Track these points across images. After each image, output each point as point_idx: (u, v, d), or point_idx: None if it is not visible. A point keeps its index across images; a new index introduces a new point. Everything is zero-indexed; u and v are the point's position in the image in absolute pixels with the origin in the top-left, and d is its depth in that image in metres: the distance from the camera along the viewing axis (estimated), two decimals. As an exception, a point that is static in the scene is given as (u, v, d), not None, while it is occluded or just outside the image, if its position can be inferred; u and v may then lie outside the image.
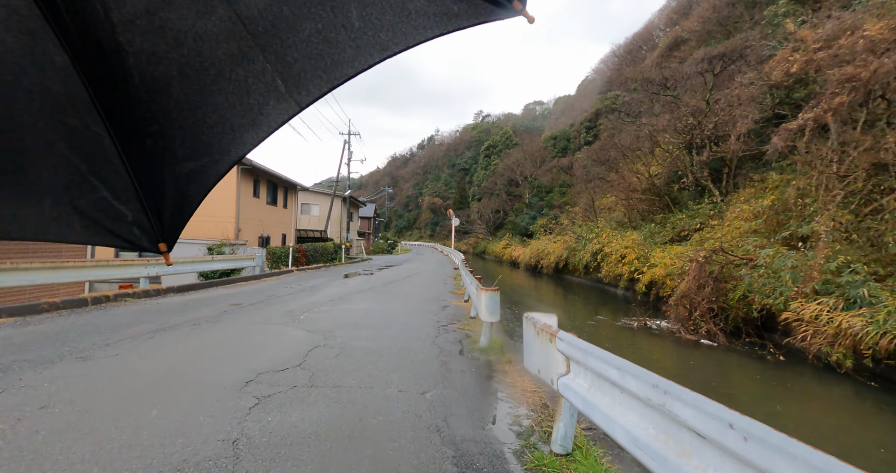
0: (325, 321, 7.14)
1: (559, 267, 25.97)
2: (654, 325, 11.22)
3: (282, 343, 5.61)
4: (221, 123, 1.02)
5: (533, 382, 4.37)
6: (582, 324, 11.89)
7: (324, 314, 7.85)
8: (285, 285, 12.01)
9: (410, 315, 7.91)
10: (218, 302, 8.74)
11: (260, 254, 13.16)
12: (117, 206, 1.12)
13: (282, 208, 21.82)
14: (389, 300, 9.83)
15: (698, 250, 11.36)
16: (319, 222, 33.08)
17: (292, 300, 9.33)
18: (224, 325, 6.65)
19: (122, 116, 0.99)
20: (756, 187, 15.57)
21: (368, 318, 7.53)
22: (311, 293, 10.53)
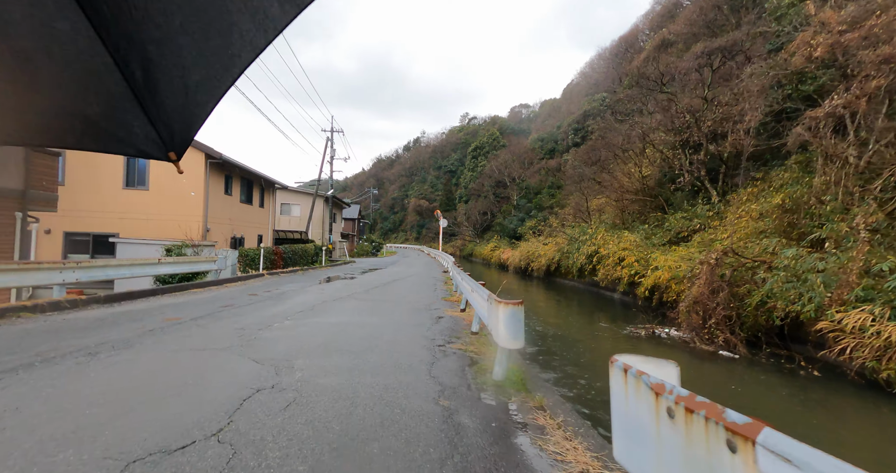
0: (284, 344, 5.42)
1: (551, 270, 25.11)
2: (664, 333, 10.30)
3: (207, 385, 3.79)
4: (228, 29, 0.96)
5: (593, 455, 2.84)
6: (587, 333, 10.91)
7: (285, 331, 6.18)
8: (251, 291, 10.54)
9: (397, 331, 6.48)
10: (151, 317, 6.94)
11: (226, 256, 11.78)
12: (123, 116, 1.12)
13: (258, 208, 20.36)
14: (372, 310, 8.38)
15: (709, 251, 10.51)
16: (300, 223, 31.57)
17: (251, 312, 7.65)
18: (135, 353, 4.73)
19: (116, 21, 0.93)
20: (758, 186, 14.94)
21: (343, 337, 5.96)
22: (277, 302, 8.98)
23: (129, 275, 7.94)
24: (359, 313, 7.99)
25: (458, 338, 6.21)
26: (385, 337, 6.03)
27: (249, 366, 4.46)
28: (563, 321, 13.07)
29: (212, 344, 5.33)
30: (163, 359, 4.60)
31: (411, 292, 11.23)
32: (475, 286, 6.42)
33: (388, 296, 10.30)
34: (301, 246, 20.95)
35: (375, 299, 9.83)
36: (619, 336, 10.36)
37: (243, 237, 18.51)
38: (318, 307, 8.45)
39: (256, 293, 10.16)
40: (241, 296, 9.68)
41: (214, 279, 10.87)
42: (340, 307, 8.66)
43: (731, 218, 14.52)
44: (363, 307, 8.80)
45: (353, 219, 50.45)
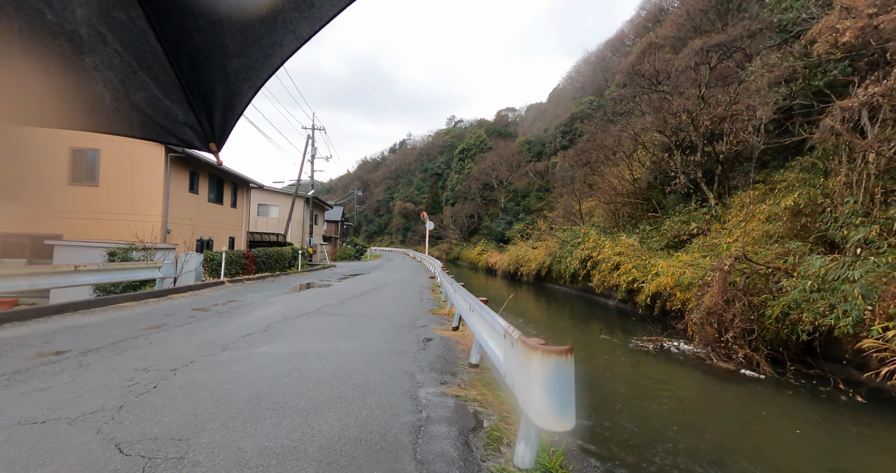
0: (192, 401, 3.58)
1: (541, 275, 24.19)
2: (674, 347, 9.35)
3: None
4: (272, 16, 0.96)
5: None
6: (589, 346, 9.88)
7: (210, 372, 4.36)
8: (199, 304, 8.77)
9: (371, 366, 4.82)
10: (23, 348, 5.04)
11: (185, 260, 10.39)
12: (168, 104, 1.14)
13: (229, 208, 18.87)
14: (343, 330, 6.78)
15: (720, 257, 9.63)
16: (279, 226, 30.00)
17: (177, 339, 5.74)
18: None
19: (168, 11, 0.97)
20: (760, 187, 14.25)
21: (292, 380, 4.21)
22: (224, 321, 7.13)
23: (26, 287, 6.43)
24: (325, 335, 6.40)
25: (454, 374, 4.72)
26: (353, 378, 4.37)
27: (100, 461, 2.58)
28: (558, 331, 12.05)
29: (69, 407, 3.35)
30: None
31: (394, 304, 9.87)
32: (477, 306, 4.87)
33: (366, 309, 8.80)
34: (277, 249, 19.51)
35: (350, 313, 8.27)
36: (624, 351, 9.36)
37: (211, 240, 17.01)
38: (275, 328, 6.78)
39: (205, 308, 8.40)
40: (181, 312, 7.84)
41: (160, 289, 9.32)
42: (304, 326, 7.05)
43: (733, 221, 13.76)
44: (333, 325, 7.19)
45: (335, 221, 48.86)
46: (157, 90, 1.10)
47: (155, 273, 9.16)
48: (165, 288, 9.55)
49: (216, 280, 12.08)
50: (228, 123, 1.20)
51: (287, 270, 19.48)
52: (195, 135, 1.20)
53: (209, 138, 1.22)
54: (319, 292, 11.55)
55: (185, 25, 0.97)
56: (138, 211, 12.77)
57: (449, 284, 8.75)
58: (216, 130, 1.21)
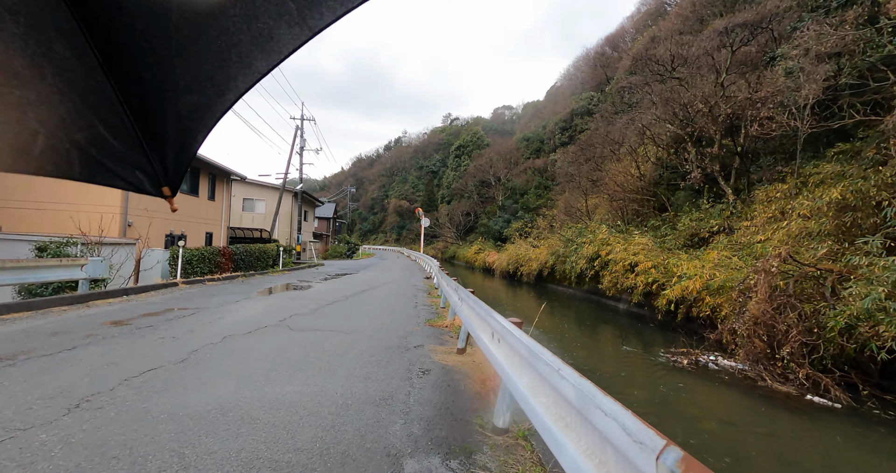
0: None
1: (543, 275, 22.82)
2: (712, 362, 7.97)
3: None
4: (227, 51, 0.92)
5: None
6: (613, 360, 8.47)
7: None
8: (121, 315, 6.73)
9: (328, 438, 2.90)
10: None
11: (153, 256, 8.81)
12: (116, 145, 1.08)
13: (206, 201, 17.26)
14: (302, 358, 4.75)
15: (765, 257, 8.26)
16: (265, 221, 28.38)
17: (11, 386, 3.61)
18: None
19: (116, 46, 0.93)
20: (789, 180, 12.93)
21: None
22: (131, 344, 5.07)
23: None
24: (272, 367, 4.35)
25: (469, 455, 2.78)
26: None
27: None
28: (573, 341, 10.64)
29: None
30: None
31: (381, 312, 8.05)
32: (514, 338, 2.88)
33: (345, 320, 6.97)
34: (259, 246, 17.94)
35: (323, 326, 6.41)
36: (654, 366, 7.96)
37: (184, 235, 15.41)
38: (203, 355, 4.67)
39: (126, 320, 6.31)
40: (81, 329, 5.71)
41: (83, 293, 7.37)
42: (249, 350, 5.00)
43: (761, 218, 12.43)
44: (292, 348, 5.14)
45: (327, 218, 47.22)
46: (102, 129, 1.03)
47: (74, 273, 7.40)
48: (98, 291, 7.85)
49: (168, 282, 10.41)
50: (181, 165, 1.14)
51: (269, 269, 17.90)
52: (146, 178, 1.13)
53: (162, 182, 1.14)
54: (293, 297, 9.80)
55: (135, 61, 0.93)
56: (92, 201, 11.17)
57: (453, 290, 6.76)
58: (169, 172, 1.13)
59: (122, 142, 1.05)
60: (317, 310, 7.91)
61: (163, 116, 1.03)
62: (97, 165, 1.09)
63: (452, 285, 7.24)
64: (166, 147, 1.09)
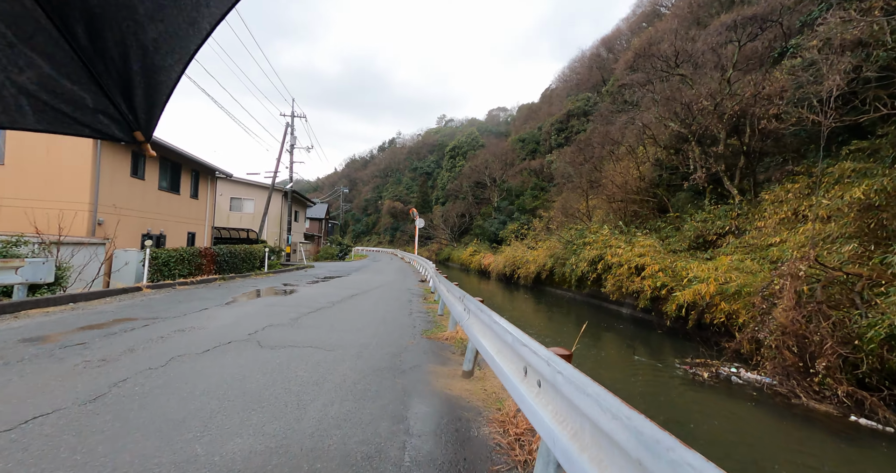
0: None
1: (541, 278, 22.14)
2: (734, 375, 7.29)
3: None
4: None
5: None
6: (626, 372, 7.76)
7: None
8: (55, 328, 5.57)
9: None
10: None
11: (86, 258, 7.92)
12: (69, 86, 0.93)
13: (189, 199, 16.35)
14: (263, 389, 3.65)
15: (791, 260, 7.61)
16: (254, 221, 27.43)
17: None
18: None
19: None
20: (801, 180, 12.37)
21: None
22: (38, 373, 3.80)
23: None
24: (218, 410, 3.18)
25: None
26: None
27: None
28: (578, 349, 9.92)
29: None
30: None
31: (371, 321, 7.03)
32: (564, 379, 1.98)
33: (327, 333, 5.92)
34: (245, 247, 17.05)
35: (299, 342, 5.31)
36: (672, 379, 7.26)
37: (163, 235, 14.49)
38: (125, 390, 3.47)
39: (53, 336, 5.11)
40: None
41: (17, 301, 6.36)
42: (195, 380, 3.79)
43: (773, 219, 11.85)
44: (255, 374, 4.04)
45: (319, 219, 46.26)
46: (49, 68, 0.88)
47: (9, 278, 6.49)
48: (36, 299, 6.82)
49: (131, 286, 9.43)
50: (155, 106, 0.98)
51: (255, 271, 17.00)
52: (113, 123, 0.99)
53: (132, 127, 1.01)
54: (272, 303, 8.75)
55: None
56: (58, 197, 10.26)
57: (458, 299, 5.60)
58: (140, 115, 0.99)
59: (75, 83, 0.90)
60: (297, 320, 6.87)
61: (123, 49, 0.87)
62: (53, 111, 0.95)
63: (456, 292, 6.05)
64: (133, 86, 0.94)
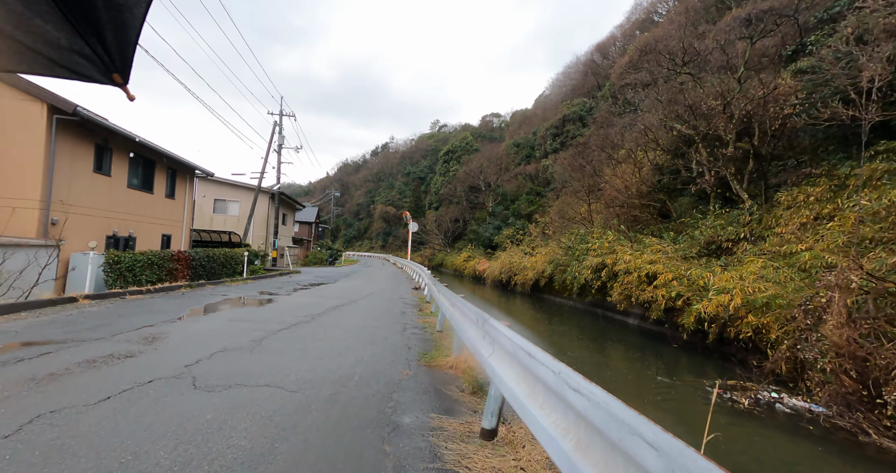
0: None
1: (539, 285, 21.17)
2: (777, 400, 6.31)
3: None
4: None
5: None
6: (649, 396, 6.74)
7: None
8: None
9: None
10: None
11: (23, 262, 6.74)
12: (42, 24, 0.91)
13: (163, 198, 15.13)
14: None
15: (840, 271, 6.69)
16: (239, 224, 26.13)
17: None
18: None
19: None
20: (822, 183, 11.59)
21: None
22: None
23: None
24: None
25: None
26: None
27: None
28: (590, 366, 8.90)
29: None
30: None
31: (356, 343, 5.64)
32: None
33: (295, 362, 4.52)
34: (225, 252, 15.84)
35: (253, 378, 3.90)
36: (705, 405, 6.26)
37: (133, 237, 13.25)
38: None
39: None
40: None
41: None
42: (41, 468, 2.24)
43: (795, 223, 11.02)
44: (153, 453, 2.45)
45: (309, 223, 44.98)
46: (19, 6, 0.86)
47: None
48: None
49: (62, 297, 7.89)
50: (127, 47, 0.97)
51: (234, 277, 15.76)
52: (91, 65, 0.99)
53: (109, 68, 1.00)
54: (237, 317, 7.22)
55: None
56: (2, 193, 9.04)
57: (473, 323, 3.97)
58: (114, 56, 0.98)
59: (48, 22, 0.88)
60: (262, 341, 5.46)
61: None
62: (30, 51, 0.96)
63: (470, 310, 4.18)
64: (101, 26, 0.91)
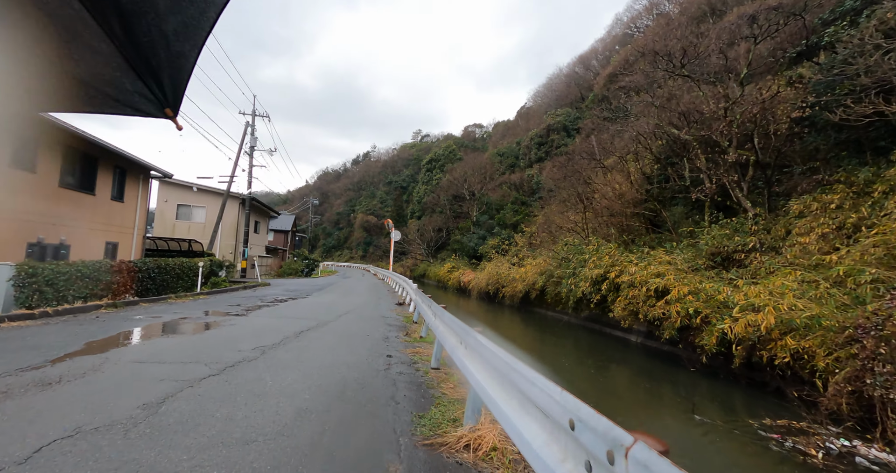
0: None
1: (529, 298, 19.89)
2: (855, 452, 5.07)
3: None
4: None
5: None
6: (689, 439, 5.40)
7: None
8: None
9: None
10: None
11: None
12: (112, 73, 1.09)
13: (110, 201, 13.22)
14: None
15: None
16: (206, 232, 24.02)
17: None
18: None
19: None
20: (840, 190, 10.75)
21: None
22: None
23: None
24: None
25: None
26: None
27: None
28: (605, 397, 7.54)
29: None
30: None
31: (318, 402, 3.86)
32: None
33: (200, 450, 2.79)
34: (182, 262, 13.98)
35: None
36: (765, 456, 4.97)
37: (64, 244, 11.32)
38: None
39: None
40: None
41: None
42: None
43: (816, 233, 10.08)
44: None
45: (285, 231, 42.82)
46: (98, 60, 1.05)
47: None
48: None
49: None
50: (180, 86, 1.15)
51: (188, 291, 13.86)
52: (148, 102, 1.16)
53: (163, 104, 1.17)
54: (152, 353, 5.30)
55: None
56: None
57: (500, 387, 2.60)
58: (168, 94, 1.16)
59: (116, 70, 1.05)
60: (163, 404, 3.59)
61: (150, 39, 1.00)
62: (101, 95, 1.14)
63: (506, 361, 2.52)
64: (161, 70, 1.08)
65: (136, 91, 1.11)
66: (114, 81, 1.09)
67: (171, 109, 1.17)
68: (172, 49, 1.03)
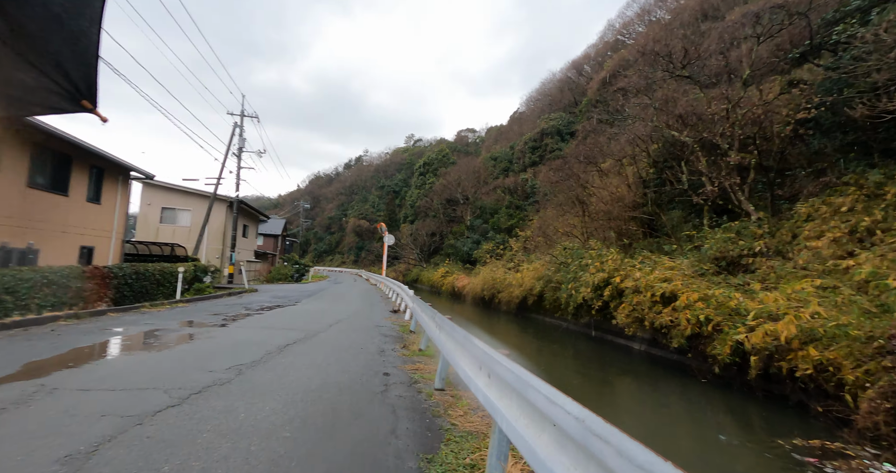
0: None
1: (527, 303, 19.37)
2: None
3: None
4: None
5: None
6: (716, 461, 4.87)
7: None
8: None
9: None
10: None
11: None
12: (6, 72, 0.94)
13: (85, 203, 12.45)
14: None
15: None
16: (191, 236, 23.17)
17: None
18: None
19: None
20: (851, 193, 10.42)
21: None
22: None
23: None
24: None
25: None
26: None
27: None
28: (612, 411, 7.01)
29: None
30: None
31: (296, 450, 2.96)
32: None
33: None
34: (162, 267, 13.23)
35: None
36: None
37: (33, 249, 10.54)
38: None
39: None
40: None
41: None
42: None
43: (828, 237, 9.71)
44: None
45: (275, 235, 41.94)
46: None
47: None
48: None
49: None
50: (90, 72, 0.97)
51: (168, 299, 13.09)
52: (61, 98, 1.01)
53: (76, 97, 1.02)
54: (100, 378, 4.47)
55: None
56: None
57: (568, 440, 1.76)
58: (79, 84, 0.99)
59: (15, 68, 0.89)
60: (91, 456, 2.72)
61: (39, 25, 0.83)
62: (6, 97, 1.02)
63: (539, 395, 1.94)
64: (62, 59, 0.92)
65: (42, 87, 0.96)
66: (12, 82, 0.94)
67: (88, 100, 1.02)
68: (68, 29, 0.88)
